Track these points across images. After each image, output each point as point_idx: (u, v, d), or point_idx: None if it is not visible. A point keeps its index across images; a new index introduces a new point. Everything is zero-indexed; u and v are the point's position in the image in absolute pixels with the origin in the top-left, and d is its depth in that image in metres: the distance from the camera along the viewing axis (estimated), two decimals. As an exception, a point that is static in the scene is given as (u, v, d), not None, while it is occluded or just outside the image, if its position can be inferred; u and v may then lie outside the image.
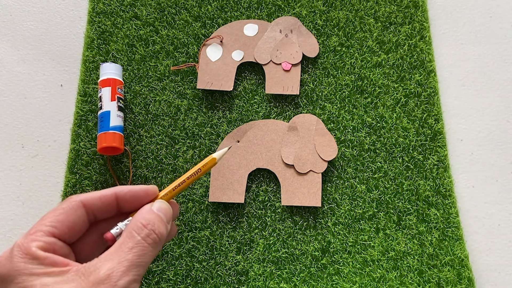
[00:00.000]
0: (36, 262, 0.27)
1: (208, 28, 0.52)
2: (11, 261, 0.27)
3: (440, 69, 0.52)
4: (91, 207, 0.31)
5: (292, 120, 0.48)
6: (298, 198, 0.46)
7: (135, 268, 0.28)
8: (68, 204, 0.30)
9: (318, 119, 0.48)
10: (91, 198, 0.31)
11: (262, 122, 0.49)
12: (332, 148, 0.47)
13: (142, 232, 0.29)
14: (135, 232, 0.29)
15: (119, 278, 0.26)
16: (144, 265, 0.29)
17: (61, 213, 0.30)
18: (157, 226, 0.30)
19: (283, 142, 0.48)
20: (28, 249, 0.27)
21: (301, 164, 0.47)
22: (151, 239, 0.29)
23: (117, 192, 0.32)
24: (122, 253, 0.28)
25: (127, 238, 0.29)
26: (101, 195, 0.31)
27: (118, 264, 0.27)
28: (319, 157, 0.47)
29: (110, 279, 0.26)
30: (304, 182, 0.46)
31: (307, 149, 0.47)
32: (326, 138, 0.47)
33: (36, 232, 0.28)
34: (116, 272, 0.27)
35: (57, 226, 0.29)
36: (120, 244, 0.28)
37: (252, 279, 0.44)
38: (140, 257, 0.28)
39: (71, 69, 0.53)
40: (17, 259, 0.27)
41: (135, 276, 0.27)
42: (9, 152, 0.50)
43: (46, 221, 0.29)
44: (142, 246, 0.29)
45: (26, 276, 0.27)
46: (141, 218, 0.30)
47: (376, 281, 0.44)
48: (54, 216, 0.29)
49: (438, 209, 0.46)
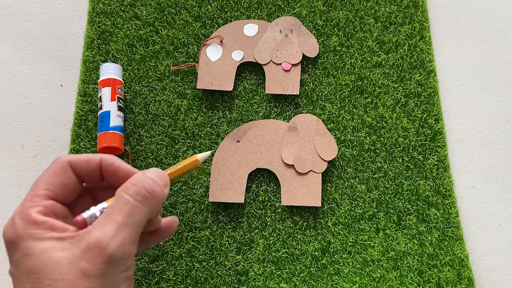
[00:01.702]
0: (36, 227, 0.28)
1: (208, 28, 0.52)
2: (14, 228, 0.28)
3: (440, 69, 0.52)
4: (78, 169, 0.31)
5: (292, 120, 0.48)
6: (298, 198, 0.46)
7: (126, 228, 0.27)
8: (56, 165, 0.30)
9: (318, 119, 0.48)
10: (78, 160, 0.31)
11: (262, 122, 0.49)
12: (332, 148, 0.47)
13: (130, 190, 0.28)
14: (123, 193, 0.28)
15: (109, 241, 0.26)
16: (136, 224, 0.28)
17: (51, 176, 0.30)
18: (147, 184, 0.29)
19: (283, 142, 0.48)
20: (28, 215, 0.28)
21: (301, 164, 0.47)
22: (141, 196, 0.29)
23: (102, 160, 0.31)
24: (111, 216, 0.28)
25: (116, 201, 0.28)
26: (88, 159, 0.31)
27: (108, 227, 0.27)
28: (319, 157, 0.47)
29: (100, 243, 0.26)
30: (304, 182, 0.46)
31: (307, 149, 0.47)
32: (326, 138, 0.47)
33: (32, 198, 0.29)
34: (107, 236, 0.26)
35: (51, 188, 0.29)
36: (110, 207, 0.28)
37: (252, 279, 0.44)
38: (130, 216, 0.28)
39: (71, 69, 0.53)
40: (18, 226, 0.28)
41: (126, 237, 0.27)
42: (9, 152, 0.50)
43: (39, 185, 0.29)
44: (131, 204, 0.28)
45: (29, 241, 0.27)
46: (131, 180, 0.29)
47: (376, 281, 0.44)
48: (46, 179, 0.30)
49: (438, 209, 0.46)
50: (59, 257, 0.27)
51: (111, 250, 0.26)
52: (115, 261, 0.27)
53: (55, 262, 0.26)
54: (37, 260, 0.27)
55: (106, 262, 0.26)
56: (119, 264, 0.27)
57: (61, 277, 0.26)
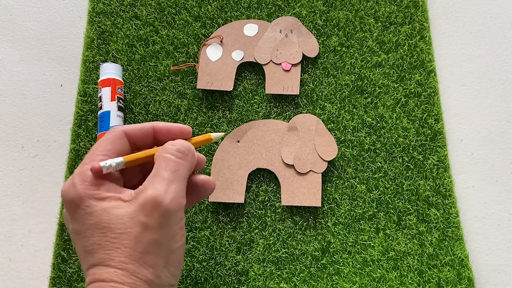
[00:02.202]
0: (95, 188, 0.31)
1: (208, 28, 0.52)
2: (74, 189, 0.31)
3: (440, 69, 0.52)
4: (132, 136, 0.34)
5: (292, 120, 0.48)
6: (298, 198, 0.46)
7: (174, 183, 0.31)
8: (113, 134, 0.33)
9: (318, 119, 0.48)
10: (132, 129, 0.35)
11: (262, 122, 0.49)
12: (332, 148, 0.47)
13: (170, 150, 0.32)
14: (163, 153, 0.32)
15: (163, 197, 0.30)
16: (182, 178, 0.32)
17: (108, 143, 0.33)
18: (183, 142, 0.34)
19: (283, 142, 0.48)
20: (88, 177, 0.31)
21: (301, 164, 0.47)
22: (181, 152, 0.32)
23: (154, 125, 0.35)
24: (159, 174, 0.31)
25: (159, 161, 0.32)
26: (141, 127, 0.35)
27: (159, 184, 0.30)
28: (319, 157, 0.47)
29: (156, 199, 0.30)
30: (304, 182, 0.46)
31: (307, 149, 0.47)
32: (326, 138, 0.47)
33: (91, 161, 0.32)
34: (160, 192, 0.30)
35: (107, 154, 0.33)
36: (156, 168, 0.32)
37: (252, 279, 0.44)
38: (175, 172, 0.31)
39: (71, 69, 0.53)
40: (78, 187, 0.31)
41: (176, 190, 0.31)
42: (9, 152, 0.50)
43: (97, 150, 0.32)
44: (173, 161, 0.32)
45: (89, 201, 0.30)
46: (167, 144, 0.33)
47: (376, 281, 0.44)
48: (103, 146, 0.33)
49: (438, 209, 0.46)
50: (120, 214, 0.30)
51: (166, 204, 0.30)
52: (170, 213, 0.30)
53: (118, 218, 0.30)
54: (100, 217, 0.30)
55: (163, 215, 0.30)
56: (174, 216, 0.31)
57: (125, 231, 0.30)
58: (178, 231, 0.32)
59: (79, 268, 0.44)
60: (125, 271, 0.30)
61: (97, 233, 0.30)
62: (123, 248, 0.30)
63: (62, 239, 0.45)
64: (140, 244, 0.30)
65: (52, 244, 0.46)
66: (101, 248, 0.30)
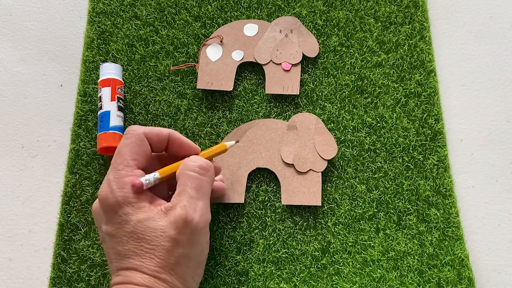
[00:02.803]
0: (133, 197, 0.32)
1: (208, 28, 0.52)
2: (114, 195, 0.32)
3: (440, 69, 0.52)
4: (150, 140, 0.35)
5: (292, 119, 0.48)
6: (298, 198, 0.46)
7: (200, 201, 0.33)
8: (137, 137, 0.34)
9: (317, 118, 0.48)
10: (150, 132, 0.35)
11: (262, 121, 0.49)
12: (331, 147, 0.47)
13: (193, 167, 0.34)
14: (186, 170, 0.34)
15: (192, 216, 0.32)
16: (206, 194, 0.34)
17: (134, 146, 0.34)
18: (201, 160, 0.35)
19: (282, 141, 0.48)
20: (125, 184, 0.32)
21: (301, 163, 0.47)
22: (202, 169, 0.34)
23: (170, 134, 0.36)
24: (186, 192, 0.33)
25: (184, 179, 0.34)
26: (158, 132, 0.36)
27: (187, 202, 0.32)
28: (319, 156, 0.47)
29: (186, 218, 0.32)
30: (304, 181, 0.46)
31: (307, 148, 0.47)
32: (325, 137, 0.47)
33: (124, 167, 0.33)
34: (189, 212, 0.32)
35: (137, 158, 0.34)
36: (181, 185, 0.33)
37: (252, 279, 0.44)
38: (199, 189, 0.33)
39: (71, 69, 0.53)
40: (118, 193, 0.32)
41: (203, 208, 0.33)
42: (9, 152, 0.50)
43: (126, 155, 0.34)
44: (197, 179, 0.33)
45: (127, 209, 0.32)
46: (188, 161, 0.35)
47: (376, 281, 0.44)
48: (130, 149, 0.34)
49: (438, 209, 0.46)
50: (153, 227, 0.32)
51: (195, 222, 0.32)
52: (199, 230, 0.33)
53: (152, 231, 0.31)
54: (136, 227, 0.32)
55: (193, 233, 0.32)
56: (202, 232, 0.33)
57: (159, 244, 0.31)
58: (205, 245, 0.35)
59: (79, 268, 0.44)
60: (158, 278, 0.32)
61: (132, 241, 0.32)
62: (157, 259, 0.32)
63: (62, 239, 0.45)
64: (172, 257, 0.32)
65: (52, 244, 0.46)
66: (136, 255, 0.32)
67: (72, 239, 0.45)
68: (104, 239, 0.34)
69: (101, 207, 0.34)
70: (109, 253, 0.34)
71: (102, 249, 0.45)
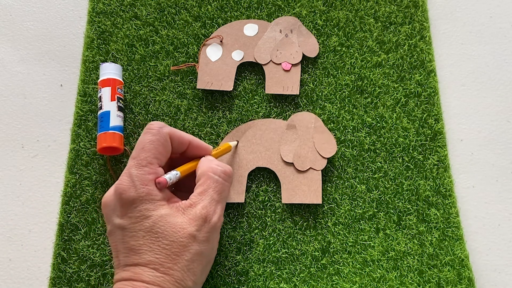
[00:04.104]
0: (155, 194, 0.33)
1: (208, 28, 0.52)
2: (136, 190, 0.32)
3: (440, 69, 0.52)
4: (172, 141, 0.36)
5: (291, 118, 0.48)
6: (298, 196, 0.46)
7: (220, 204, 0.34)
8: (162, 135, 0.35)
9: (316, 117, 0.48)
10: (174, 135, 0.36)
11: (261, 121, 0.49)
12: (331, 145, 0.47)
13: (218, 171, 0.35)
14: (212, 173, 0.35)
15: (212, 216, 0.33)
16: (224, 199, 0.36)
17: (159, 145, 0.35)
18: (226, 166, 0.37)
19: (282, 140, 0.48)
20: (149, 181, 0.33)
21: (301, 161, 0.47)
22: (225, 175, 0.36)
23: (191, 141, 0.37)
24: (208, 193, 0.34)
25: (207, 180, 0.35)
26: (180, 137, 0.37)
27: (208, 203, 0.33)
28: (319, 154, 0.47)
29: (206, 217, 0.33)
30: (304, 180, 0.46)
31: (306, 146, 0.47)
32: (325, 136, 0.47)
33: (148, 164, 0.33)
34: (210, 212, 0.33)
35: (158, 157, 0.34)
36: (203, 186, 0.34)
37: (252, 279, 0.44)
38: (221, 193, 0.35)
39: (71, 69, 0.53)
40: (141, 189, 0.32)
41: (221, 210, 0.34)
42: (9, 152, 0.50)
43: (151, 152, 0.34)
44: (220, 183, 0.35)
45: (147, 205, 0.32)
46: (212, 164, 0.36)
47: (376, 281, 0.44)
48: (156, 147, 0.34)
49: (438, 209, 0.46)
50: (173, 223, 0.32)
51: (214, 222, 0.33)
52: (216, 230, 0.34)
53: (171, 227, 0.32)
54: (156, 223, 0.32)
55: (210, 231, 0.33)
56: (217, 231, 0.35)
57: (177, 240, 0.32)
58: (216, 244, 0.36)
59: (79, 268, 0.44)
60: (170, 276, 0.32)
61: (149, 237, 0.32)
62: (173, 256, 0.32)
63: (62, 239, 0.45)
64: (187, 254, 0.33)
65: (52, 244, 0.46)
66: (151, 251, 0.32)
67: (72, 239, 0.45)
68: (114, 233, 0.34)
69: (118, 200, 0.33)
70: (117, 247, 0.34)
71: (102, 249, 0.45)
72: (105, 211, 0.35)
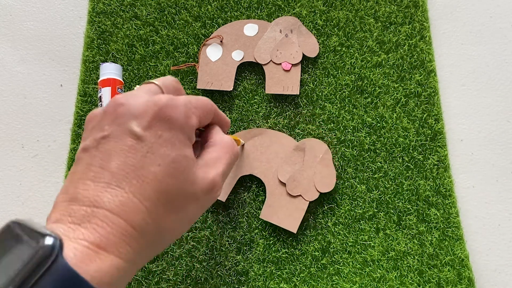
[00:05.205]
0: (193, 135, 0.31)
1: (208, 28, 0.52)
2: (188, 120, 0.30)
3: (440, 69, 0.52)
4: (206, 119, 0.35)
5: (302, 141, 0.47)
6: (277, 217, 0.45)
7: (224, 177, 0.33)
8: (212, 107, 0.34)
9: (327, 149, 0.47)
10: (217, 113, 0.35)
11: (273, 132, 0.48)
12: (329, 182, 0.46)
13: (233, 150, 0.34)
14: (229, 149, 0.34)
15: (218, 185, 0.32)
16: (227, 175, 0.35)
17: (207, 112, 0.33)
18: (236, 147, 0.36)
19: (285, 158, 0.47)
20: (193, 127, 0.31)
21: (294, 186, 0.45)
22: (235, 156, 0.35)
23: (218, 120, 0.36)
24: (220, 164, 0.33)
25: (223, 153, 0.34)
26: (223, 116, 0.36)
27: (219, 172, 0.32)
28: (313, 186, 0.45)
29: (214, 185, 0.31)
30: (290, 204, 0.45)
31: (306, 174, 0.46)
32: (328, 170, 0.46)
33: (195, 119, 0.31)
34: (217, 180, 0.32)
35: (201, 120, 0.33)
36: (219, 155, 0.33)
37: (252, 279, 0.44)
38: (229, 169, 0.34)
39: (71, 69, 0.53)
40: (192, 122, 0.31)
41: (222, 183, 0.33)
42: (9, 152, 0.50)
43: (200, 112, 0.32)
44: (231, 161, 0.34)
45: (182, 136, 0.30)
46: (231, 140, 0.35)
47: (376, 281, 0.44)
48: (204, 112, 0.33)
49: (438, 209, 0.46)
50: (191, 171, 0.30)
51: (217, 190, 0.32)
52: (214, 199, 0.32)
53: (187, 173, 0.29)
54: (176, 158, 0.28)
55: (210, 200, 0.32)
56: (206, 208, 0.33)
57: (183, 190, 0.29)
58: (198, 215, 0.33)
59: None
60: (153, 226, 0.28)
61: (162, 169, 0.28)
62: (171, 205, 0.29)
63: (62, 239, 0.45)
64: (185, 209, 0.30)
65: (52, 244, 0.46)
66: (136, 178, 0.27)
67: (72, 239, 0.45)
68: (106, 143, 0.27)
69: (160, 113, 0.28)
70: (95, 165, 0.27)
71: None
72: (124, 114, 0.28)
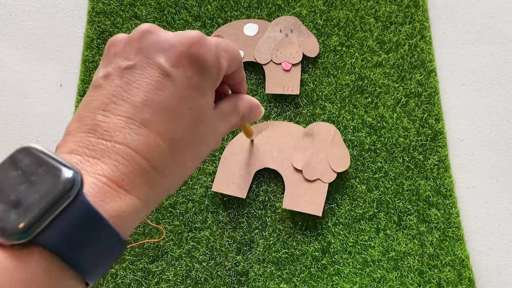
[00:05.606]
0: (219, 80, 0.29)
1: (208, 28, 0.52)
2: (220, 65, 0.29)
3: (440, 69, 0.52)
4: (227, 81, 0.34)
5: (310, 126, 0.48)
6: (300, 204, 0.45)
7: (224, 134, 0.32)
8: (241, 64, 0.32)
9: (336, 130, 0.47)
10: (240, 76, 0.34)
11: (279, 123, 0.48)
12: (344, 161, 0.46)
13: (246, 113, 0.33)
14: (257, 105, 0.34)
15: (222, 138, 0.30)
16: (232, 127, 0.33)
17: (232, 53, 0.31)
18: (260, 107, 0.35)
19: (296, 146, 0.47)
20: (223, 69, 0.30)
21: (310, 171, 0.46)
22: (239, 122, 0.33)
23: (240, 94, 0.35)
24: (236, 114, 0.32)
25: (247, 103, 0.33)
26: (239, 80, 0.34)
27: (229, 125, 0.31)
28: (330, 167, 0.46)
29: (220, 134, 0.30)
30: (310, 189, 0.46)
31: (319, 157, 0.46)
32: (341, 150, 0.46)
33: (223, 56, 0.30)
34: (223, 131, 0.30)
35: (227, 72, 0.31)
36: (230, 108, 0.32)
37: (252, 280, 0.44)
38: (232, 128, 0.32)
39: (71, 69, 0.53)
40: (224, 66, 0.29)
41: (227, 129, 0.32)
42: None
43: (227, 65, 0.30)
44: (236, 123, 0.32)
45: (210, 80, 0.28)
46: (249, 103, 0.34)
47: (376, 281, 0.44)
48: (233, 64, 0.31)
49: (439, 209, 0.46)
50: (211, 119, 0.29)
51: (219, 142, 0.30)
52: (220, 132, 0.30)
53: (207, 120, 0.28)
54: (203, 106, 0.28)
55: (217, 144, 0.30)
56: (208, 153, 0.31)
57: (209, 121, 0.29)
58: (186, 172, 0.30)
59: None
60: None
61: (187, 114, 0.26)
62: None
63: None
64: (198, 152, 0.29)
65: (52, 244, 0.46)
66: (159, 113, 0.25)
67: (72, 239, 0.45)
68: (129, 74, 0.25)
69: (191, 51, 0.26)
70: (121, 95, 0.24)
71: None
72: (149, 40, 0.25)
